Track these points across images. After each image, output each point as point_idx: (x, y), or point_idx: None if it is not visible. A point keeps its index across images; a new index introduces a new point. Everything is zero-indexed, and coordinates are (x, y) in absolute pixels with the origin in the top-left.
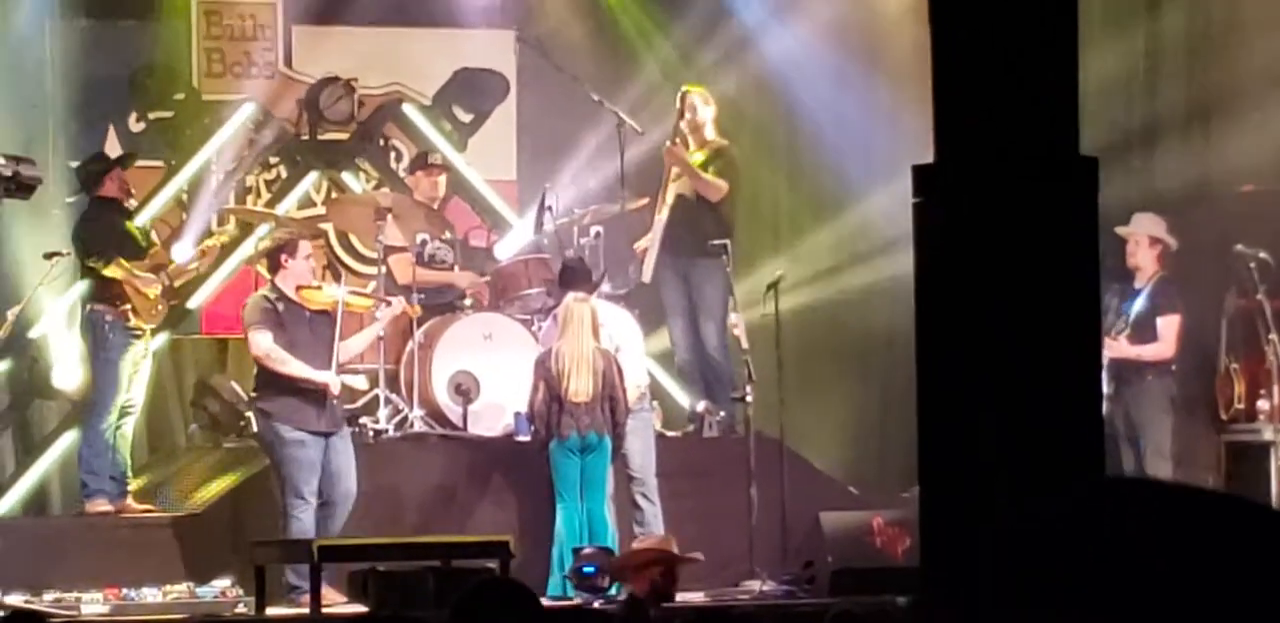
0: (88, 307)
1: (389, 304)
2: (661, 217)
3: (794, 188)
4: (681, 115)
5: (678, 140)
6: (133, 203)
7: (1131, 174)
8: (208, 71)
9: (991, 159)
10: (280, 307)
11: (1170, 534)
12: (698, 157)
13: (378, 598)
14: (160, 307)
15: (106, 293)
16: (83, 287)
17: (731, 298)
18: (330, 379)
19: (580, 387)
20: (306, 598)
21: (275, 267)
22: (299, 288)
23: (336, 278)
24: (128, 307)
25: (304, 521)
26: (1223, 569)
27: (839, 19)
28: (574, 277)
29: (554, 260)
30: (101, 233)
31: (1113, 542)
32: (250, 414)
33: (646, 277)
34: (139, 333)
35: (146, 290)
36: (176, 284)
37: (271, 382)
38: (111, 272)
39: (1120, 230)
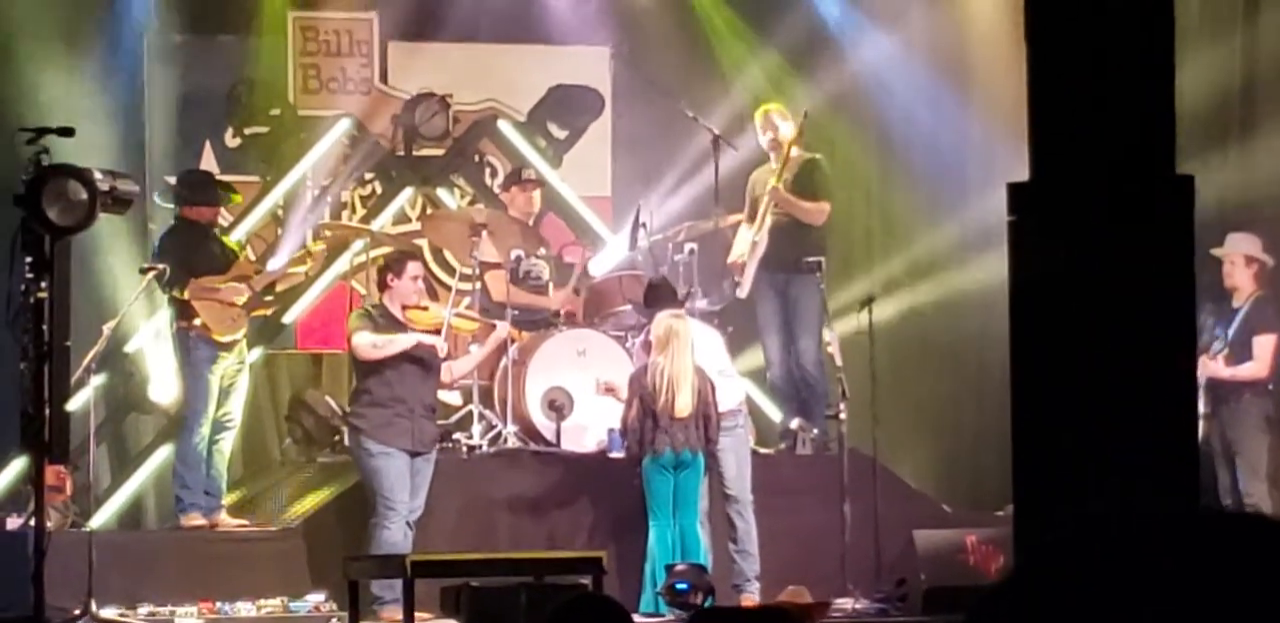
0: (174, 324)
1: (494, 328)
2: (761, 238)
3: (886, 204)
4: (765, 134)
5: (772, 170)
6: (225, 220)
7: (1228, 191)
8: (304, 87)
9: (1087, 177)
10: (382, 322)
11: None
12: (787, 176)
13: (470, 614)
14: (239, 317)
15: (185, 309)
16: (169, 304)
17: (825, 314)
18: (438, 341)
19: (682, 403)
20: (388, 611)
21: (382, 285)
22: (405, 308)
23: (433, 295)
24: (200, 321)
25: (394, 532)
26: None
27: (933, 36)
28: (659, 296)
29: (648, 277)
30: (177, 255)
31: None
32: (344, 429)
33: (743, 293)
34: (227, 346)
35: (234, 299)
36: (270, 296)
37: (363, 396)
38: (184, 294)
39: (1215, 252)
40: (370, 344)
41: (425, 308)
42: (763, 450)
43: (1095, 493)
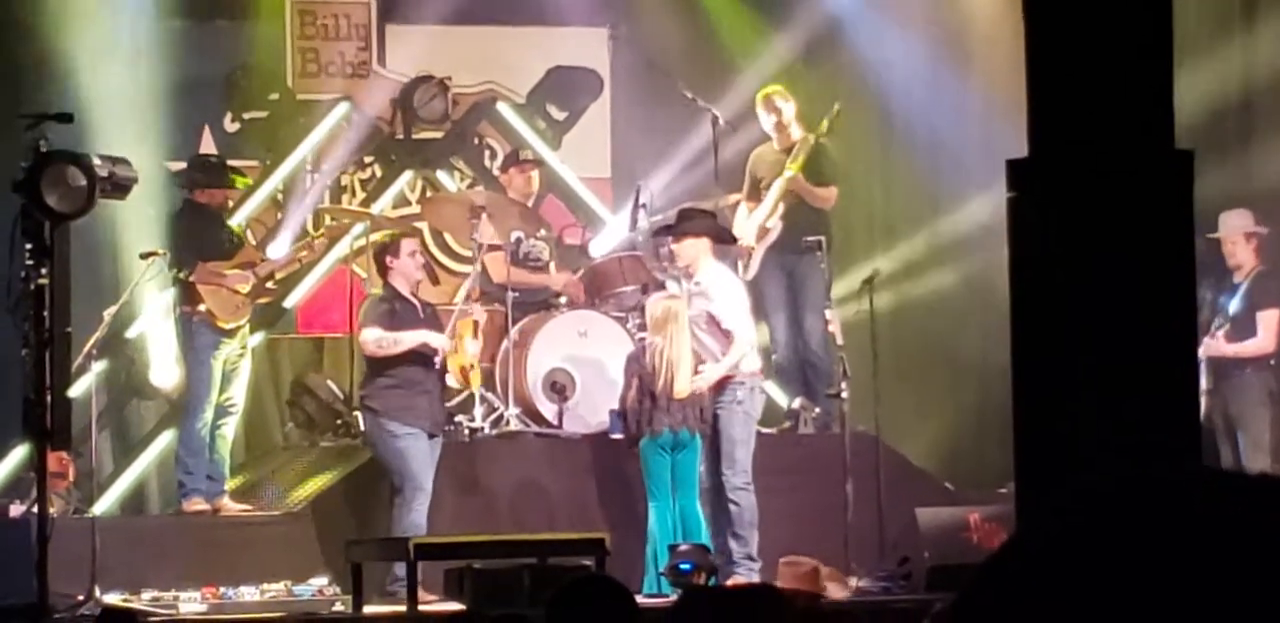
0: (178, 308)
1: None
2: (774, 225)
3: (889, 184)
4: (769, 117)
5: (776, 151)
6: (229, 203)
7: (1226, 168)
8: (302, 71)
9: (1086, 153)
10: (396, 306)
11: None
12: (795, 161)
13: (474, 596)
14: (243, 304)
15: (190, 294)
16: (174, 288)
17: (829, 294)
18: (443, 340)
19: (682, 384)
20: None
21: (383, 270)
22: (414, 285)
23: (433, 277)
24: (205, 307)
25: (420, 514)
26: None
27: (934, 15)
28: (692, 222)
29: (648, 258)
30: (185, 238)
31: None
32: (348, 413)
33: (749, 276)
34: (229, 332)
35: (239, 287)
36: (271, 283)
37: (378, 379)
38: (191, 278)
39: (1212, 236)
40: (376, 343)
41: (437, 282)
42: (765, 430)
43: (1097, 469)
